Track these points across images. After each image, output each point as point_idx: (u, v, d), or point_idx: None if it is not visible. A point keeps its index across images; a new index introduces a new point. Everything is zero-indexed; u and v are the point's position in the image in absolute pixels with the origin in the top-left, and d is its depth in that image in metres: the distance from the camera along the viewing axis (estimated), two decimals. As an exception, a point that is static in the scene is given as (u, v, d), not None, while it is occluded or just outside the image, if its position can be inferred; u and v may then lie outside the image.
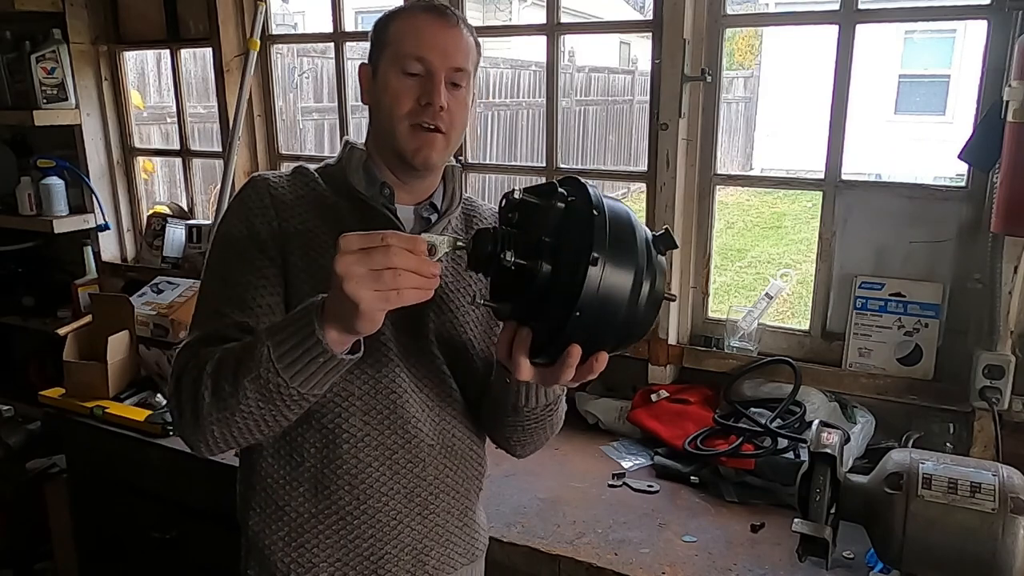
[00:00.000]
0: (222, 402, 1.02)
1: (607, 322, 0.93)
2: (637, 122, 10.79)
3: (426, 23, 1.17)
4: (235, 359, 1.01)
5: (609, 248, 0.91)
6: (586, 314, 0.91)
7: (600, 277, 0.90)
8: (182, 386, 1.07)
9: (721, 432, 1.80)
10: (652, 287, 0.96)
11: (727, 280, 6.83)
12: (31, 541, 2.59)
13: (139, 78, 4.30)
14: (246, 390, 1.00)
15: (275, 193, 1.19)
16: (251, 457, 1.24)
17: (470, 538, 1.32)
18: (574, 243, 0.92)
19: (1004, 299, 1.62)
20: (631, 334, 0.99)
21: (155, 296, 2.41)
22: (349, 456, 1.17)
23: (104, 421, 2.10)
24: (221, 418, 1.04)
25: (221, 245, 1.20)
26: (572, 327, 0.92)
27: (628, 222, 0.96)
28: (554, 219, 0.96)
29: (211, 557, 1.80)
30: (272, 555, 1.21)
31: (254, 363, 0.98)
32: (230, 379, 1.01)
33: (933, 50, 11.86)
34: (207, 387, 1.03)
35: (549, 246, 0.94)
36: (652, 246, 0.98)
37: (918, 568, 1.20)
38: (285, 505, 1.20)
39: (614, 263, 0.91)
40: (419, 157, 1.18)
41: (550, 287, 0.93)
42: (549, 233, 0.95)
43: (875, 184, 3.47)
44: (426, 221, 1.26)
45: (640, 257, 0.94)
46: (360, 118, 2.88)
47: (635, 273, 0.93)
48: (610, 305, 0.92)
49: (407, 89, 1.16)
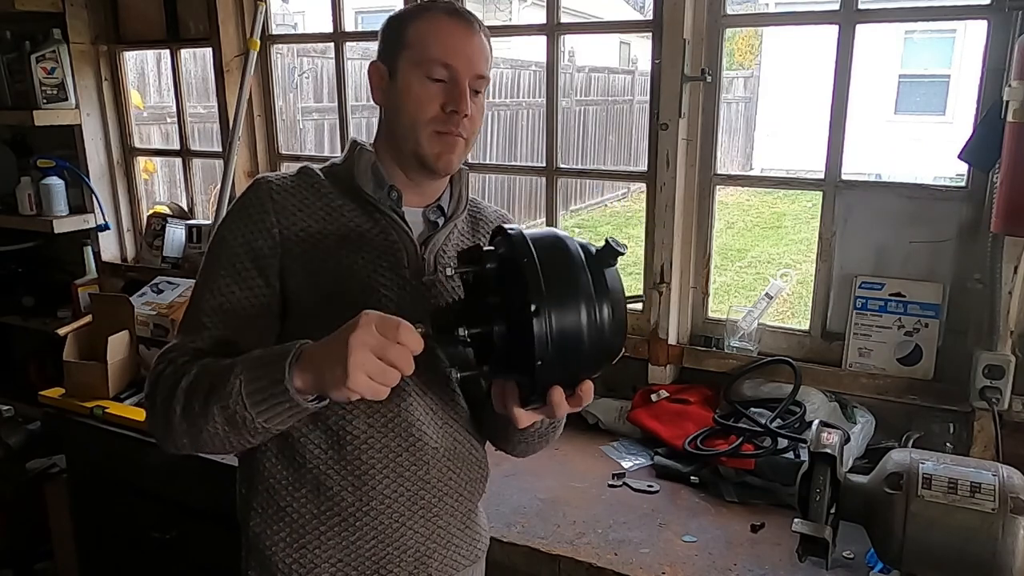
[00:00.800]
0: (191, 419, 1.06)
1: (575, 358, 0.94)
2: (637, 122, 10.79)
3: (451, 28, 1.16)
4: (209, 383, 1.04)
5: (547, 292, 0.91)
6: (549, 360, 0.92)
7: (547, 324, 0.91)
8: (156, 393, 1.10)
9: (721, 432, 1.80)
10: (611, 307, 0.96)
11: (727, 280, 6.83)
12: (31, 541, 2.59)
13: (139, 78, 4.30)
14: (215, 415, 1.03)
15: (277, 198, 1.18)
16: (253, 458, 1.23)
17: (472, 540, 1.32)
18: (514, 298, 0.93)
19: (1004, 299, 1.62)
20: (607, 357, 0.99)
21: (155, 296, 2.41)
22: (353, 458, 1.17)
23: (104, 421, 2.10)
24: (190, 432, 1.07)
25: (217, 252, 1.19)
26: (541, 375, 0.94)
27: (562, 256, 0.95)
28: (492, 279, 0.97)
29: (211, 557, 1.80)
30: (273, 556, 1.21)
31: (225, 393, 1.02)
32: (201, 401, 1.04)
33: (933, 50, 11.86)
34: (179, 402, 1.06)
35: (497, 306, 0.95)
36: (598, 265, 0.97)
37: (918, 568, 1.20)
38: (287, 506, 1.20)
39: (557, 304, 0.92)
40: (441, 162, 1.18)
41: (508, 345, 0.95)
42: (494, 293, 0.96)
43: (875, 184, 3.47)
44: (433, 224, 1.26)
45: (583, 286, 0.94)
46: (360, 118, 2.88)
47: (584, 303, 0.93)
48: (570, 343, 0.93)
49: (432, 95, 1.15)
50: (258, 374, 1.00)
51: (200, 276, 1.20)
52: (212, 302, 1.16)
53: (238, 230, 1.17)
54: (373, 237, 1.19)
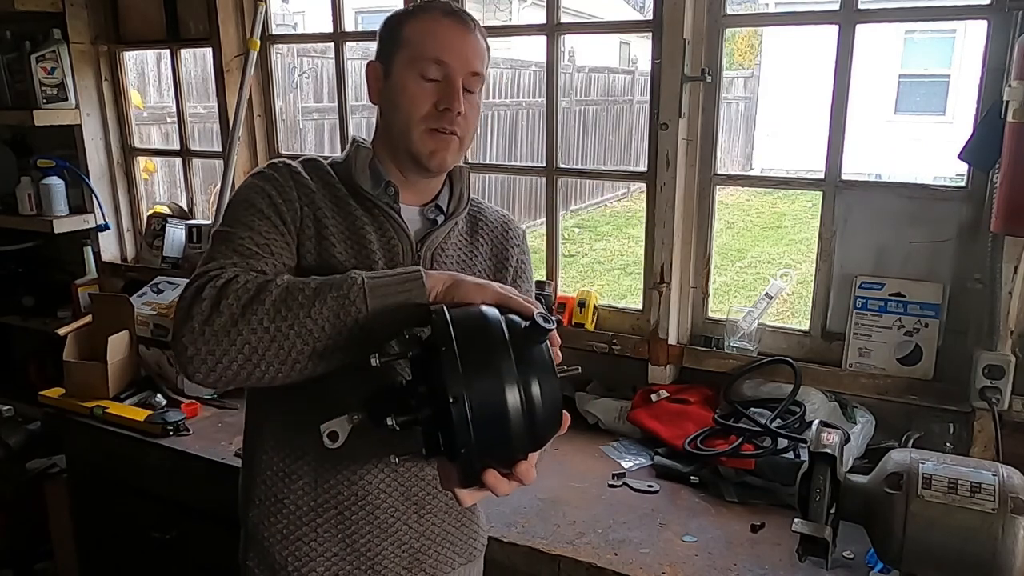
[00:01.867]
0: (280, 315, 1.01)
1: (502, 441, 0.93)
2: (637, 122, 10.79)
3: (446, 27, 1.17)
4: (314, 287, 1.03)
5: (465, 379, 0.90)
6: (473, 447, 0.91)
7: (468, 411, 0.89)
8: (227, 291, 1.02)
9: (721, 432, 1.80)
10: (540, 385, 0.93)
11: (727, 280, 6.83)
12: (31, 541, 2.59)
13: (139, 78, 4.31)
14: (322, 307, 1.01)
15: (298, 179, 1.19)
16: (253, 450, 1.25)
17: (468, 538, 1.32)
18: (435, 386, 0.92)
19: (1004, 299, 1.62)
20: (543, 435, 0.97)
21: (155, 296, 2.41)
22: (349, 451, 1.17)
23: (104, 421, 2.10)
24: (268, 329, 1.01)
25: (243, 204, 1.16)
26: (469, 461, 0.93)
27: (483, 338, 0.94)
28: (420, 366, 0.97)
29: (211, 557, 1.80)
30: (270, 547, 1.22)
31: (344, 285, 1.02)
32: (309, 293, 1.02)
33: (933, 50, 11.86)
34: (271, 294, 1.01)
35: (424, 394, 0.95)
36: (525, 343, 0.95)
37: (918, 568, 1.20)
38: (284, 498, 1.21)
39: (477, 390, 0.90)
40: (434, 160, 1.18)
41: (437, 432, 0.94)
42: (422, 380, 0.96)
43: (875, 184, 3.47)
44: (431, 223, 1.26)
45: (506, 369, 0.92)
46: (360, 118, 2.88)
47: (507, 386, 0.91)
48: (495, 427, 0.91)
49: (425, 93, 1.16)
50: (381, 277, 1.04)
51: (227, 220, 1.15)
52: (254, 238, 1.12)
53: (264, 191, 1.16)
54: (372, 232, 1.20)
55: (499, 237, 1.34)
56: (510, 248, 1.34)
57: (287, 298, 1.02)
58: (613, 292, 6.49)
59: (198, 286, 1.04)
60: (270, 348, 1.01)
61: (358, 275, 1.04)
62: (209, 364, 1.02)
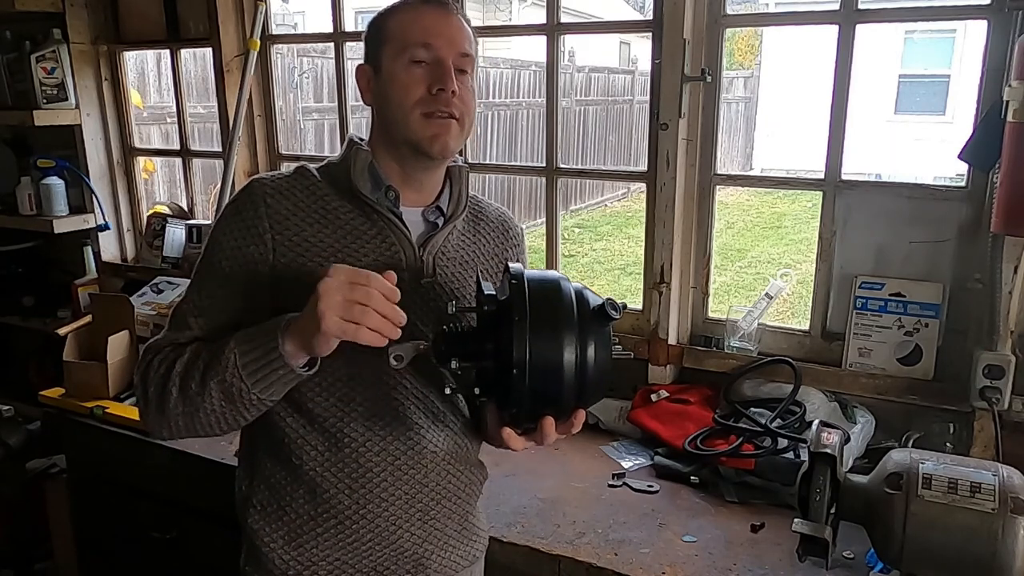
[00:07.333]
0: (188, 398, 1.10)
1: (557, 398, 1.02)
2: (637, 122, 10.79)
3: (427, 13, 1.17)
4: (204, 363, 1.09)
5: (532, 352, 0.98)
6: (526, 407, 1.02)
7: (527, 379, 0.99)
8: (149, 381, 1.14)
9: (721, 432, 1.80)
10: (596, 358, 1.02)
11: (727, 280, 6.83)
12: (31, 541, 2.59)
13: (139, 78, 4.31)
14: (211, 391, 1.08)
15: (271, 202, 1.16)
16: (253, 456, 1.24)
17: (470, 541, 1.32)
18: (502, 350, 1.00)
19: (1004, 299, 1.62)
20: (594, 394, 1.06)
21: (155, 296, 2.41)
22: (351, 460, 1.17)
23: (104, 421, 2.10)
24: (186, 412, 1.11)
25: (208, 253, 1.20)
26: (518, 419, 1.05)
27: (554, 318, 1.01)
28: (490, 322, 1.04)
29: (211, 557, 1.80)
30: (271, 553, 1.21)
31: (221, 368, 1.07)
32: (198, 379, 1.09)
33: (933, 50, 11.86)
34: (175, 384, 1.10)
35: (490, 351, 1.03)
36: (589, 324, 1.02)
37: (918, 568, 1.20)
38: (286, 505, 1.20)
39: (540, 362, 0.99)
40: (436, 145, 1.15)
41: (497, 381, 1.02)
42: (489, 336, 1.04)
43: (875, 184, 3.46)
44: (432, 225, 1.24)
45: (570, 332, 1.00)
46: (360, 118, 2.88)
47: (569, 361, 1.00)
48: (553, 386, 1.00)
49: (416, 78, 1.14)
50: (252, 346, 1.06)
51: (193, 275, 1.22)
52: (200, 303, 1.18)
53: (231, 233, 1.17)
54: (370, 239, 1.18)
55: (499, 236, 1.33)
56: (510, 248, 1.34)
57: (184, 388, 1.10)
58: (613, 292, 6.46)
59: (138, 368, 1.17)
60: (200, 422, 1.12)
61: (231, 352, 1.07)
62: (164, 436, 1.17)
